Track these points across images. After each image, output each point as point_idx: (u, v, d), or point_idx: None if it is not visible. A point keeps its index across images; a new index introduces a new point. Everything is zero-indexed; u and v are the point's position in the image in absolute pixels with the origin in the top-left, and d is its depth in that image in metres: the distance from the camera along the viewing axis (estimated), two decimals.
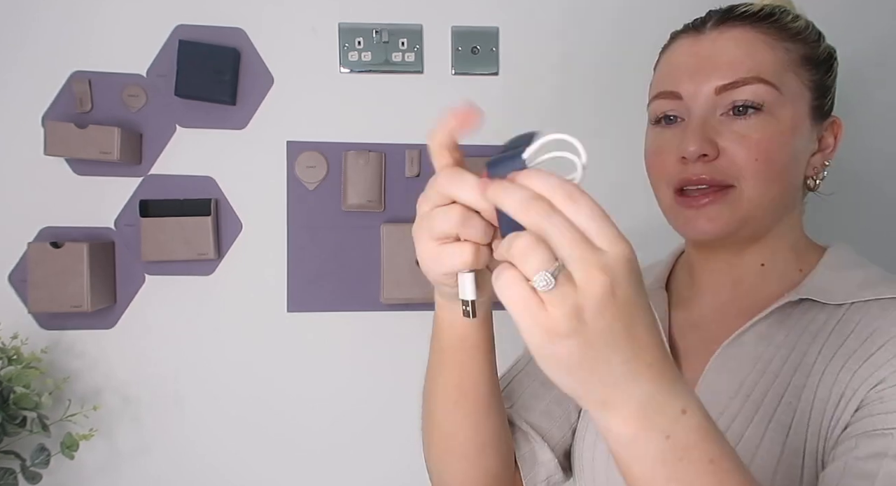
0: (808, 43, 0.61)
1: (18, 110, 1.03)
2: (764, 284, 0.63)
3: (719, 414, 0.57)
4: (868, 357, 0.52)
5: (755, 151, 0.57)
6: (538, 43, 1.10)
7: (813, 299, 0.58)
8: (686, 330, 0.66)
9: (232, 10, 1.06)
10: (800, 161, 0.61)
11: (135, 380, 1.06)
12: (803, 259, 0.63)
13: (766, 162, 0.57)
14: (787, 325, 0.58)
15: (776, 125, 0.58)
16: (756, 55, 0.59)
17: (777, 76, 0.59)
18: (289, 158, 1.08)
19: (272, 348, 1.09)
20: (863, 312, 0.55)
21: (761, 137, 0.57)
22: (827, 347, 0.55)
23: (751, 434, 0.54)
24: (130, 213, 1.05)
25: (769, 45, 0.59)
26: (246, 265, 1.08)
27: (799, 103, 0.60)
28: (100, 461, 1.06)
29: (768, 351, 0.57)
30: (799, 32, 0.61)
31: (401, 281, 1.06)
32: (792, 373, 0.55)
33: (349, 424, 1.11)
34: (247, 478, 1.09)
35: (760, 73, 0.58)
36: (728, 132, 0.58)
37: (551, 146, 0.41)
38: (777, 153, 0.58)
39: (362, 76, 1.09)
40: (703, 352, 0.62)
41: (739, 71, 0.58)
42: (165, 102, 1.05)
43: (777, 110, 0.58)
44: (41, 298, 0.97)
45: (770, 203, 0.59)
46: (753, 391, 0.56)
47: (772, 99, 0.58)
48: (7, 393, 0.93)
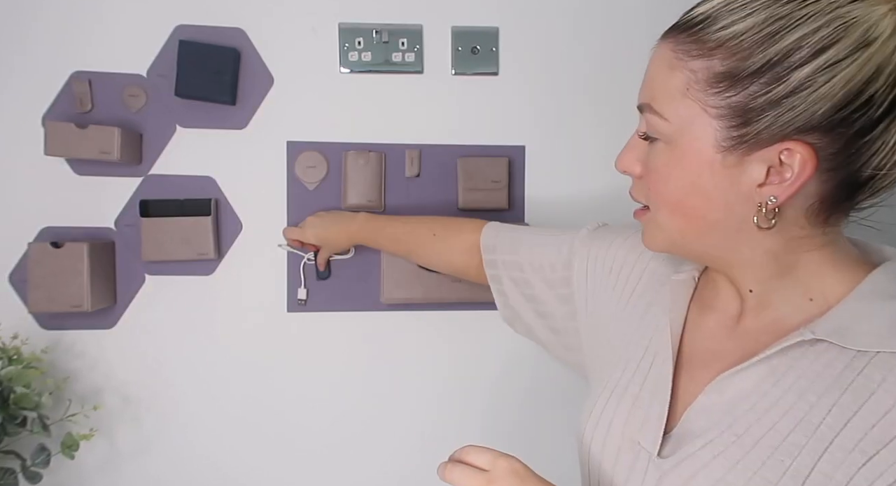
0: (734, 53, 0.48)
1: (18, 110, 1.03)
2: (763, 309, 0.57)
3: (704, 444, 0.53)
4: (889, 443, 0.45)
5: (650, 180, 0.56)
6: (538, 43, 1.10)
7: (829, 341, 0.50)
8: (698, 334, 0.63)
9: (232, 10, 1.06)
10: (713, 197, 0.52)
11: (135, 380, 1.06)
12: (816, 288, 0.54)
13: (662, 194, 0.55)
14: (800, 367, 0.51)
15: (670, 156, 0.53)
16: (656, 78, 0.54)
17: (667, 104, 0.52)
18: (289, 158, 1.08)
19: (272, 348, 1.09)
20: (888, 365, 0.47)
21: (654, 167, 0.55)
22: (838, 408, 0.48)
23: (730, 480, 0.50)
24: (130, 213, 1.05)
25: (671, 66, 0.52)
26: (246, 265, 1.08)
27: (696, 133, 0.51)
28: (100, 461, 1.06)
29: (773, 392, 0.51)
30: (720, 43, 0.49)
31: (401, 281, 1.06)
32: (791, 427, 0.49)
33: (349, 424, 1.11)
34: (247, 478, 1.09)
35: (652, 101, 0.54)
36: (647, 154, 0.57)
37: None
38: (670, 187, 0.54)
39: (362, 76, 1.09)
40: (708, 366, 0.58)
41: (642, 95, 0.56)
42: (165, 102, 1.05)
43: (675, 139, 0.53)
44: (41, 298, 0.97)
45: (687, 235, 0.56)
46: (744, 435, 0.51)
47: (662, 130, 0.53)
48: (7, 393, 0.93)
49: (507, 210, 1.11)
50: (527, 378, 1.12)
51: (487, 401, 1.12)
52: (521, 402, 1.13)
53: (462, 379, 1.12)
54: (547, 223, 1.11)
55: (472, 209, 1.09)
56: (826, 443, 0.47)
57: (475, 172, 1.08)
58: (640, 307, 0.70)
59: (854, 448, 0.46)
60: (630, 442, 0.60)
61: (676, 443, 0.56)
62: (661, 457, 0.56)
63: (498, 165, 1.08)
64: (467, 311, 1.11)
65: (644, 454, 0.58)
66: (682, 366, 0.61)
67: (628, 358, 0.66)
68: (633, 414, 0.61)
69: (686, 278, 0.66)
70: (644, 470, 0.57)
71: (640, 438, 0.58)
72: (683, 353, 0.62)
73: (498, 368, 1.12)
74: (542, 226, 1.02)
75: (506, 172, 1.08)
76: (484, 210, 1.10)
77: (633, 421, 0.61)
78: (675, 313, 0.64)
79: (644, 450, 0.58)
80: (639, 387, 0.63)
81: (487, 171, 1.08)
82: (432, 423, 1.12)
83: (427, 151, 1.09)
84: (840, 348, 0.49)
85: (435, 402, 1.11)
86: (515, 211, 1.11)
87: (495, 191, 1.09)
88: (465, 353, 1.12)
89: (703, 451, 0.53)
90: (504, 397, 1.12)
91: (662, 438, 0.57)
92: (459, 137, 1.10)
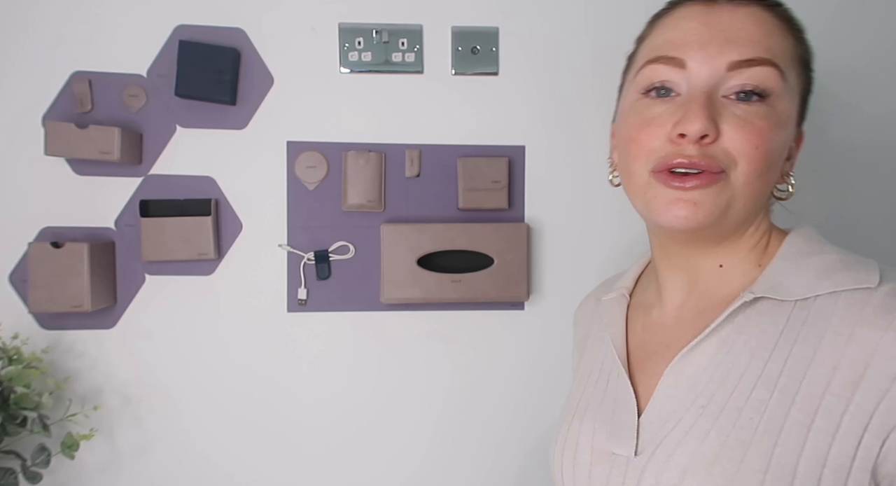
0: (805, 46, 0.59)
1: (18, 110, 1.03)
2: (721, 285, 0.60)
3: (674, 425, 0.54)
4: (859, 381, 0.48)
5: (756, 139, 0.53)
6: (538, 43, 1.10)
7: (768, 297, 0.54)
8: (645, 335, 0.64)
9: (232, 10, 1.06)
10: (782, 161, 0.58)
11: (135, 380, 1.06)
12: (765, 254, 0.60)
13: (764, 152, 0.54)
14: (746, 329, 0.55)
15: (776, 117, 0.55)
16: (772, 38, 0.55)
17: (786, 65, 0.55)
18: (289, 158, 1.08)
19: (272, 348, 1.09)
20: (827, 310, 0.51)
21: (764, 126, 0.54)
22: (793, 359, 0.51)
23: (705, 450, 0.51)
24: (131, 213, 1.05)
25: (783, 31, 0.56)
26: (246, 265, 1.08)
27: (794, 100, 0.57)
28: (100, 460, 1.06)
29: (727, 359, 0.54)
30: (801, 31, 0.58)
31: (401, 281, 1.06)
32: (752, 385, 0.52)
33: (349, 423, 1.11)
34: (247, 478, 1.09)
35: (775, 57, 0.54)
36: (730, 115, 0.54)
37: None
38: (773, 145, 0.55)
39: (362, 76, 1.09)
40: (662, 358, 0.60)
41: (757, 49, 0.54)
42: (165, 102, 1.05)
43: (778, 102, 0.55)
44: (41, 298, 0.97)
45: (754, 196, 0.56)
46: (710, 403, 0.53)
47: (778, 88, 0.55)
48: (8, 393, 0.93)
49: (507, 210, 1.11)
50: (527, 378, 1.12)
51: (487, 401, 1.12)
52: (521, 402, 1.13)
53: (462, 379, 1.12)
54: (547, 223, 1.11)
55: (472, 209, 1.09)
56: (791, 394, 0.50)
57: (475, 172, 1.08)
58: (588, 343, 0.73)
59: (824, 393, 0.49)
60: (601, 455, 0.60)
61: (648, 436, 0.56)
62: (637, 455, 0.56)
63: (498, 165, 1.08)
64: (467, 311, 1.11)
65: (620, 459, 0.58)
66: (636, 368, 0.63)
67: (585, 383, 0.69)
68: (598, 428, 0.62)
69: (616, 296, 0.70)
70: (622, 474, 0.57)
71: (613, 447, 0.59)
72: (635, 356, 0.64)
73: (498, 368, 1.12)
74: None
75: (506, 172, 1.09)
76: (484, 210, 1.10)
77: (599, 435, 0.61)
78: (615, 325, 0.67)
79: (620, 456, 0.58)
80: (599, 402, 0.64)
81: (487, 171, 1.08)
82: (433, 423, 1.12)
83: (427, 151, 1.09)
84: (779, 303, 0.54)
85: (435, 401, 1.11)
86: (515, 211, 1.11)
87: (495, 191, 1.09)
88: (465, 353, 1.12)
89: (675, 431, 0.54)
90: (504, 397, 1.12)
91: (636, 438, 0.57)
92: (459, 137, 1.10)
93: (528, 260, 1.08)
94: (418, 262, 1.06)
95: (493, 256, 1.06)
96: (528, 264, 1.09)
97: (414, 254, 1.06)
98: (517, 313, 1.12)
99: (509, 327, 1.12)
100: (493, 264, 1.06)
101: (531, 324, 1.12)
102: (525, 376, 1.12)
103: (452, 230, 1.06)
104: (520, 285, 1.07)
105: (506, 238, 1.07)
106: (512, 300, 1.09)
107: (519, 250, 1.07)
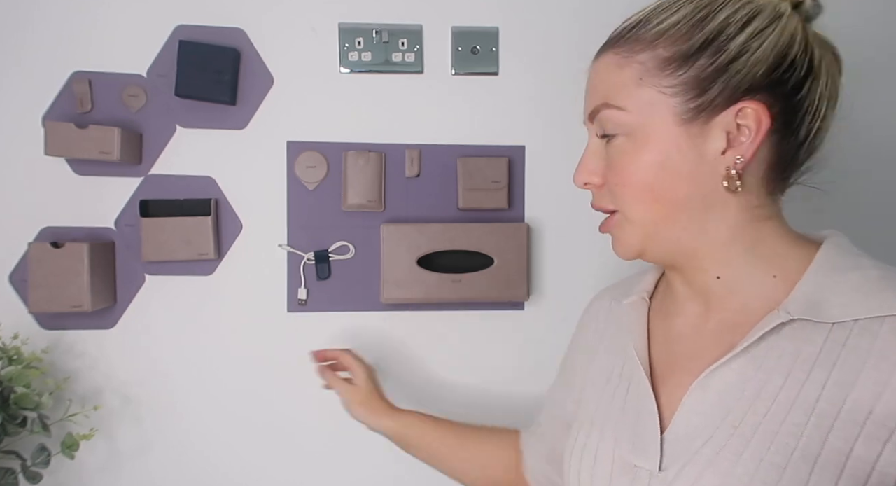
0: (675, 40, 0.55)
1: (18, 110, 1.03)
2: (731, 295, 0.58)
3: (704, 442, 0.53)
4: None
5: (620, 176, 0.58)
6: (538, 43, 1.10)
7: (804, 319, 0.52)
8: (666, 343, 0.63)
9: (232, 10, 1.06)
10: (681, 172, 0.56)
11: (135, 380, 1.06)
12: (777, 263, 0.57)
13: (630, 185, 0.57)
14: (778, 347, 0.53)
15: (633, 145, 0.57)
16: (606, 80, 0.60)
17: (623, 96, 0.57)
18: (289, 158, 1.08)
19: (272, 348, 1.09)
20: (871, 333, 0.49)
21: (620, 161, 0.58)
22: (832, 383, 0.49)
23: (739, 472, 0.50)
24: (131, 213, 1.05)
25: (619, 65, 0.58)
26: (246, 265, 1.08)
27: (658, 114, 0.56)
28: (100, 461, 1.06)
29: (757, 376, 0.52)
30: (660, 35, 0.56)
31: (401, 281, 1.06)
32: (788, 408, 0.50)
33: (349, 423, 1.11)
34: (247, 477, 1.09)
35: (607, 99, 0.58)
36: (605, 159, 0.60)
37: None
38: (639, 174, 0.57)
39: (362, 76, 1.09)
40: (685, 369, 0.59)
41: (594, 100, 0.60)
42: (165, 101, 1.05)
43: (633, 130, 0.57)
44: (41, 298, 0.97)
45: (659, 222, 0.57)
46: (742, 424, 0.51)
47: (623, 121, 0.57)
48: (7, 393, 0.93)
49: (507, 210, 1.11)
50: (526, 378, 1.12)
51: (487, 401, 1.12)
52: (520, 401, 1.13)
53: (462, 378, 1.12)
54: (547, 223, 1.11)
55: (472, 209, 1.09)
56: (830, 419, 0.48)
57: (475, 172, 1.08)
58: (603, 346, 0.71)
59: (866, 421, 0.47)
60: (622, 466, 0.59)
61: (674, 451, 0.55)
62: (662, 470, 0.55)
63: (498, 165, 1.08)
64: (467, 311, 1.11)
65: (643, 473, 0.57)
66: (659, 378, 0.61)
67: (602, 389, 0.67)
68: (620, 439, 0.61)
69: (636, 300, 0.68)
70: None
71: (635, 459, 0.58)
72: (657, 366, 0.62)
73: (498, 368, 1.12)
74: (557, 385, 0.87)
75: (506, 172, 1.09)
76: (484, 210, 1.10)
77: (621, 446, 0.60)
78: (636, 332, 0.65)
79: (643, 469, 0.57)
80: (619, 411, 0.63)
81: (487, 171, 1.08)
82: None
83: (427, 151, 1.09)
84: (813, 324, 0.52)
85: (435, 401, 1.11)
86: (515, 211, 1.11)
87: (495, 191, 1.09)
88: (465, 353, 1.12)
89: (705, 448, 0.53)
90: (504, 397, 1.12)
91: (660, 452, 0.56)
92: (459, 137, 1.10)
93: (528, 260, 1.08)
94: (418, 262, 1.06)
95: (493, 256, 1.06)
96: (528, 264, 1.09)
97: (414, 254, 1.06)
98: (517, 313, 1.12)
99: (509, 327, 1.12)
100: (493, 264, 1.06)
101: (531, 324, 1.12)
102: (525, 376, 1.12)
103: (452, 230, 1.06)
104: (520, 285, 1.07)
105: (506, 238, 1.07)
106: (512, 300, 1.09)
107: (519, 250, 1.07)
